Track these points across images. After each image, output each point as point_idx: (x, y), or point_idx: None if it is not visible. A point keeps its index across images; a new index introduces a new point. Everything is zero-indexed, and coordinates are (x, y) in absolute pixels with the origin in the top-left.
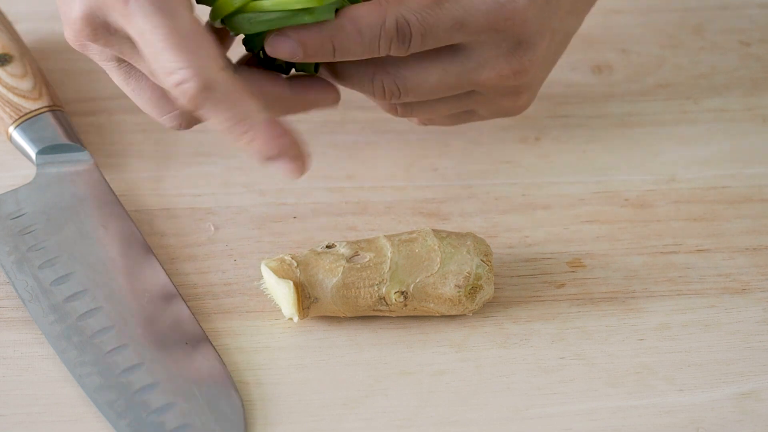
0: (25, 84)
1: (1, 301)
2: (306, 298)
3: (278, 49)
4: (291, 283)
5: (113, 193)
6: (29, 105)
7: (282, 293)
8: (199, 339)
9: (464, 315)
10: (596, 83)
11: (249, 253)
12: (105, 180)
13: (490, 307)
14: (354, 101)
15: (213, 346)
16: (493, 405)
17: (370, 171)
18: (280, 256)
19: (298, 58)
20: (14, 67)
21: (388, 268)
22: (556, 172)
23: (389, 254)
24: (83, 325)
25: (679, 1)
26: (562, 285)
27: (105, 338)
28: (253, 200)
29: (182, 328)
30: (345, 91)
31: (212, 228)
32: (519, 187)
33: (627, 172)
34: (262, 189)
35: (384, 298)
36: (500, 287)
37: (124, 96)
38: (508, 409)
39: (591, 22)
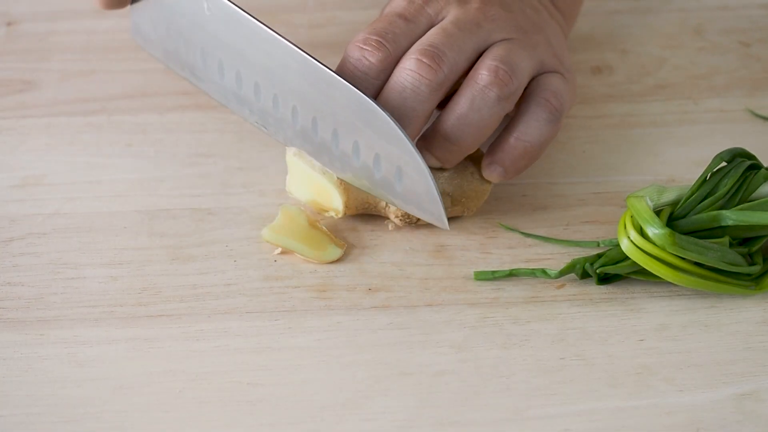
0: None
1: (2, 301)
2: None
3: None
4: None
5: None
6: None
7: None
8: None
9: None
10: (596, 83)
11: (249, 254)
12: None
13: (490, 307)
14: None
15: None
16: (493, 405)
17: None
18: None
19: None
20: None
21: None
22: (555, 172)
23: None
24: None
25: (679, 1)
26: (563, 285)
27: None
28: (253, 200)
29: None
30: None
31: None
32: (519, 187)
33: (627, 173)
34: (262, 189)
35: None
36: (500, 287)
37: (124, 96)
38: (508, 410)
39: (591, 22)
